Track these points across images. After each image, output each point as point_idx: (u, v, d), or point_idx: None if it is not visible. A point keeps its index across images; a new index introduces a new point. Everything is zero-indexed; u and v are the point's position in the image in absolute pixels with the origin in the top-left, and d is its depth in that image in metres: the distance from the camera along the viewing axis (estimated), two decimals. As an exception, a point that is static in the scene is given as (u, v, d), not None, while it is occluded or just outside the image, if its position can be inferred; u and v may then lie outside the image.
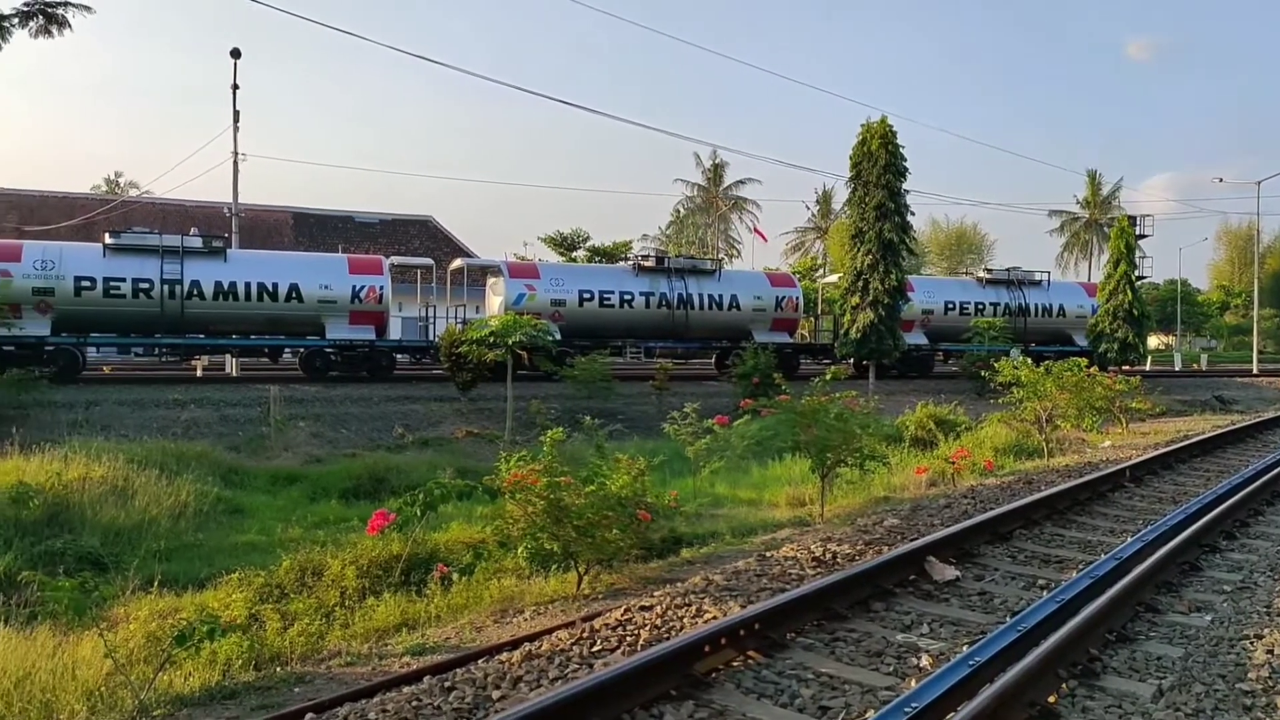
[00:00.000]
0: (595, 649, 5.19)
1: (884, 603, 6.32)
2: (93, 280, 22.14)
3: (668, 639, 5.26)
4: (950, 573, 7.00)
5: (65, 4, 10.94)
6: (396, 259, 28.72)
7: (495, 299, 27.81)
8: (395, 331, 27.33)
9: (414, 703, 4.27)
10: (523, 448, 11.00)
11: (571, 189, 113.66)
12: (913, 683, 4.71)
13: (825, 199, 64.94)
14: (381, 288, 24.98)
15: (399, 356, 26.84)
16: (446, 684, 4.54)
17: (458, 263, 30.16)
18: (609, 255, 48.28)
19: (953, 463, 13.47)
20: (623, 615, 5.80)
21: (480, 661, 5.01)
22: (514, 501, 8.02)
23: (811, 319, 35.97)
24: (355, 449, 18.25)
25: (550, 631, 5.65)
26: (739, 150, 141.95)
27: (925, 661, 5.20)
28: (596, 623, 5.62)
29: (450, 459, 16.24)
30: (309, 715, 4.35)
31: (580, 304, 27.43)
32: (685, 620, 5.75)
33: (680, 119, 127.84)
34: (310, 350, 25.11)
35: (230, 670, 6.42)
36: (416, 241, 44.50)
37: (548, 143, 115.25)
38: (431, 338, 27.28)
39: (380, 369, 25.27)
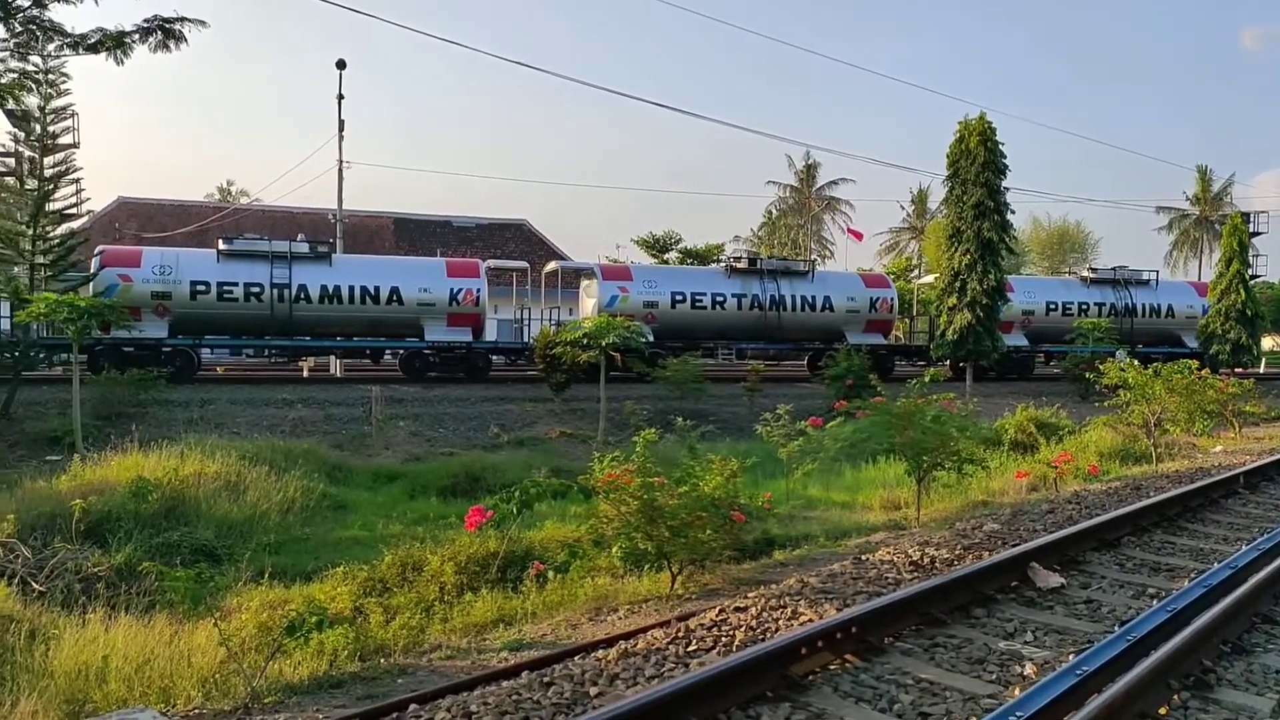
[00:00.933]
0: (691, 648, 5.21)
1: (985, 609, 6.17)
2: (207, 284, 23.22)
3: (763, 640, 5.24)
4: (1055, 580, 6.78)
5: (181, 19, 11.49)
6: (493, 262, 29.30)
7: (589, 301, 28.09)
8: (491, 333, 27.86)
9: (514, 697, 4.35)
10: (615, 448, 11.08)
11: (664, 191, 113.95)
12: (1017, 691, 4.58)
13: (921, 198, 63.53)
14: (478, 290, 25.50)
15: (495, 358, 27.34)
16: (545, 679, 4.62)
17: (552, 265, 30.58)
18: (701, 257, 48.23)
19: (1055, 467, 13.06)
20: (717, 616, 5.80)
21: (577, 658, 5.09)
22: (608, 501, 8.10)
23: (906, 320, 35.26)
24: (452, 448, 18.66)
25: (645, 630, 5.69)
26: (832, 149, 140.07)
27: (1030, 670, 5.05)
28: (691, 622, 5.63)
29: (544, 458, 16.48)
30: (412, 706, 4.48)
31: (673, 306, 27.49)
32: (781, 622, 5.72)
33: (772, 120, 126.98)
34: (410, 351, 25.80)
35: (336, 661, 6.64)
36: (511, 245, 45.30)
37: (641, 145, 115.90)
38: (526, 339, 27.71)
39: (477, 370, 25.78)
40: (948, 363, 28.51)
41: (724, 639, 5.38)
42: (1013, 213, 26.68)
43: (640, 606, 7.29)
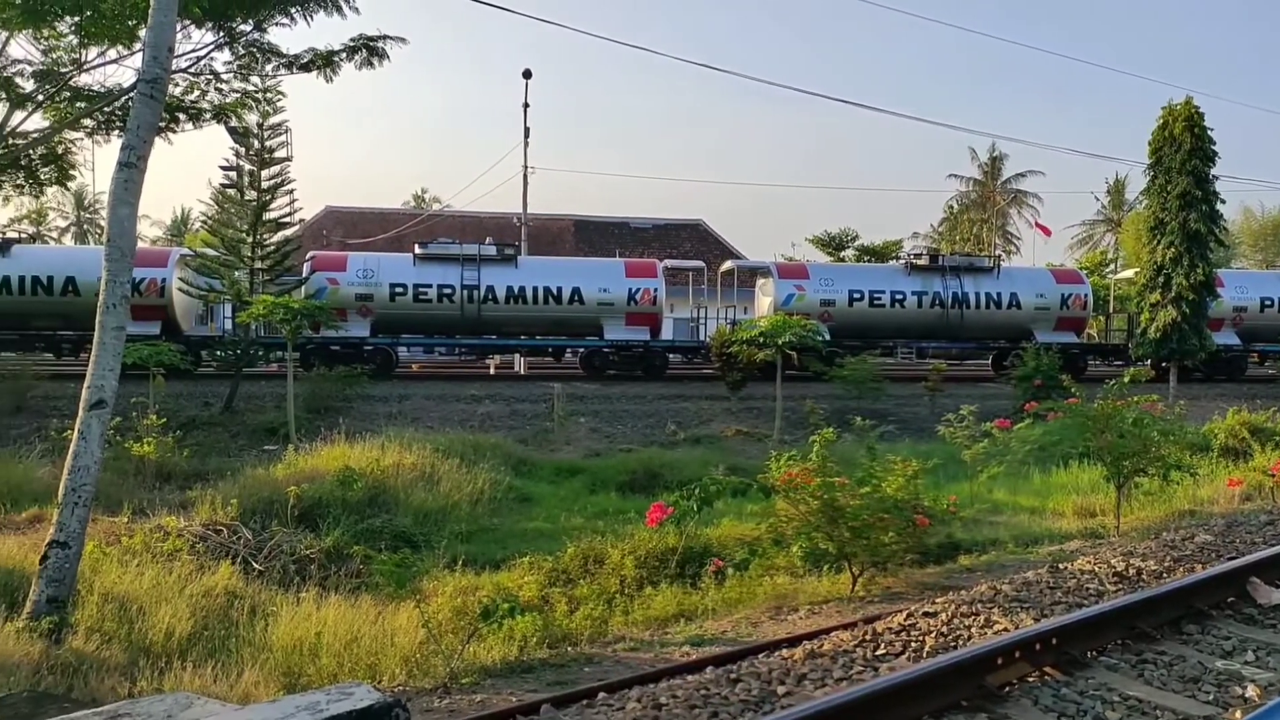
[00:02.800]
0: (879, 652, 5.09)
1: (1198, 625, 5.71)
2: (405, 286, 24.67)
3: (955, 648, 5.06)
4: (1277, 596, 6.19)
5: (384, 37, 12.24)
6: (670, 262, 29.59)
7: (764, 300, 27.90)
8: (668, 332, 28.15)
9: (702, 692, 4.39)
10: (791, 447, 10.97)
11: (839, 188, 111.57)
12: (1238, 715, 4.22)
13: (1118, 188, 59.21)
14: (656, 290, 25.83)
15: (671, 356, 27.60)
16: (732, 676, 4.64)
17: (728, 265, 30.58)
18: (878, 254, 46.90)
19: (1273, 475, 11.92)
20: (905, 620, 5.65)
21: (761, 656, 5.08)
22: (787, 500, 8.03)
23: (1101, 317, 32.98)
24: (630, 444, 18.97)
25: (828, 632, 5.62)
26: (1019, 139, 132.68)
27: (1251, 692, 4.63)
28: (879, 626, 5.51)
29: (721, 456, 16.50)
30: (601, 695, 4.60)
31: (850, 304, 26.90)
32: (973, 630, 5.50)
33: (953, 110, 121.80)
34: (590, 350, 26.44)
35: (526, 647, 6.91)
36: (687, 245, 45.61)
37: (816, 142, 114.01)
38: (702, 338, 27.84)
39: (654, 368, 26.12)
40: (1149, 363, 26.47)
41: (913, 644, 5.23)
42: (1223, 202, 24.48)
43: (821, 607, 7.19)
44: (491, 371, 29.04)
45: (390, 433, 15.91)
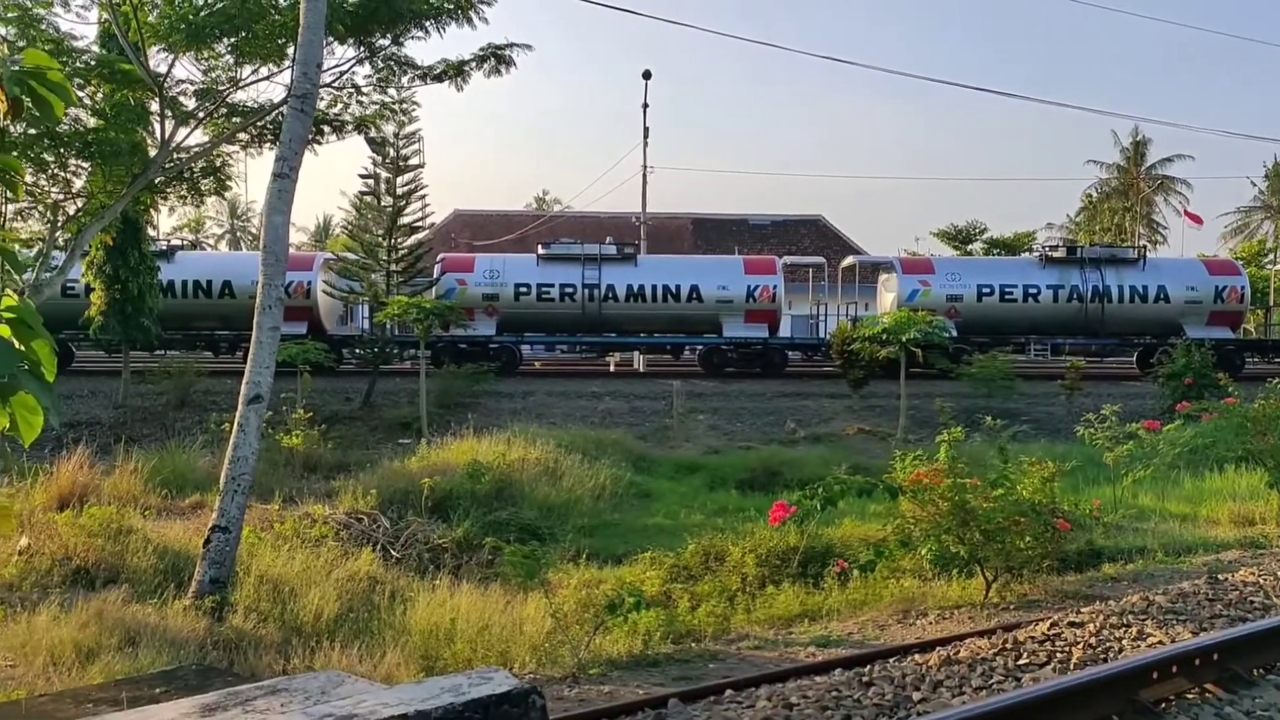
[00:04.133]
0: (1021, 661, 4.96)
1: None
2: (529, 286, 25.29)
3: (1105, 660, 4.88)
4: None
5: (511, 45, 12.58)
6: (789, 259, 29.34)
7: (887, 296, 27.34)
8: (786, 329, 27.93)
9: (833, 693, 4.39)
10: (916, 446, 10.76)
11: (966, 179, 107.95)
12: None
13: (1278, 173, 55.19)
14: (775, 287, 25.67)
15: (790, 354, 27.38)
16: (864, 679, 4.62)
17: (849, 260, 30.10)
18: (1009, 247, 45.20)
19: None
20: (1049, 629, 5.47)
21: (893, 660, 5.03)
22: (915, 501, 7.90)
23: (1260, 311, 30.86)
24: (750, 442, 18.92)
25: (962, 638, 5.50)
26: (1165, 122, 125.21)
27: None
28: (1020, 634, 5.36)
29: (842, 455, 16.27)
30: (729, 691, 4.66)
31: (979, 299, 26.04)
32: (1124, 642, 5.29)
33: (1092, 93, 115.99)
34: (708, 347, 26.49)
35: (651, 641, 7.03)
36: (806, 241, 45.07)
37: (942, 133, 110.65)
38: (822, 335, 27.50)
39: (773, 366, 25.97)
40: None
41: (1058, 655, 5.07)
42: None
43: (952, 613, 7.05)
44: (611, 369, 29.43)
45: (515, 428, 16.34)
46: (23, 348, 7.21)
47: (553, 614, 7.03)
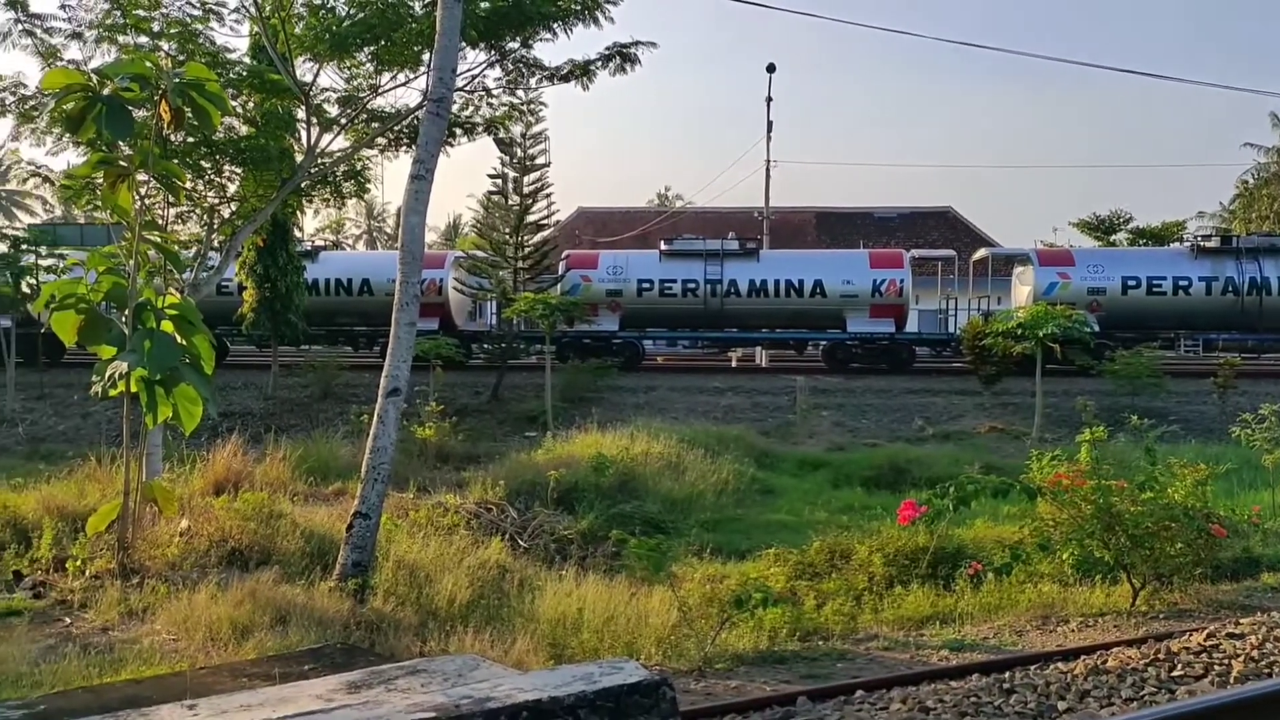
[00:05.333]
0: (1175, 673, 4.71)
1: None
2: (651, 282, 25.48)
3: (1269, 675, 4.57)
4: None
5: (635, 44, 12.68)
6: (917, 252, 28.60)
7: (1023, 289, 26.27)
8: (914, 324, 27.24)
9: (971, 699, 4.28)
10: (1053, 446, 10.33)
11: (1108, 166, 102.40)
12: None
13: None
14: (902, 281, 25.07)
15: (918, 349, 26.71)
16: (1004, 685, 4.48)
17: (982, 253, 29.09)
18: (1156, 237, 42.65)
19: None
20: (1206, 640, 5.17)
21: (1034, 668, 4.85)
22: (1055, 503, 7.59)
23: None
24: (875, 439, 18.56)
25: (1108, 647, 5.26)
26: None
27: None
28: (1173, 645, 5.09)
29: (973, 454, 15.81)
30: (860, 692, 4.59)
31: (1123, 292, 24.72)
32: (1292, 656, 4.95)
33: (1246, 71, 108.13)
34: (832, 343, 26.11)
35: (777, 638, 7.00)
36: (935, 233, 43.76)
37: (1083, 120, 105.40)
38: (951, 330, 26.70)
39: (900, 361, 25.39)
40: None
41: (1216, 667, 4.79)
42: None
43: (1095, 620, 6.75)
44: (733, 364, 29.34)
45: (638, 422, 16.50)
46: (184, 342, 7.72)
47: (678, 607, 7.07)
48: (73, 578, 8.07)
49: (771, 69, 32.82)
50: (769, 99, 32.90)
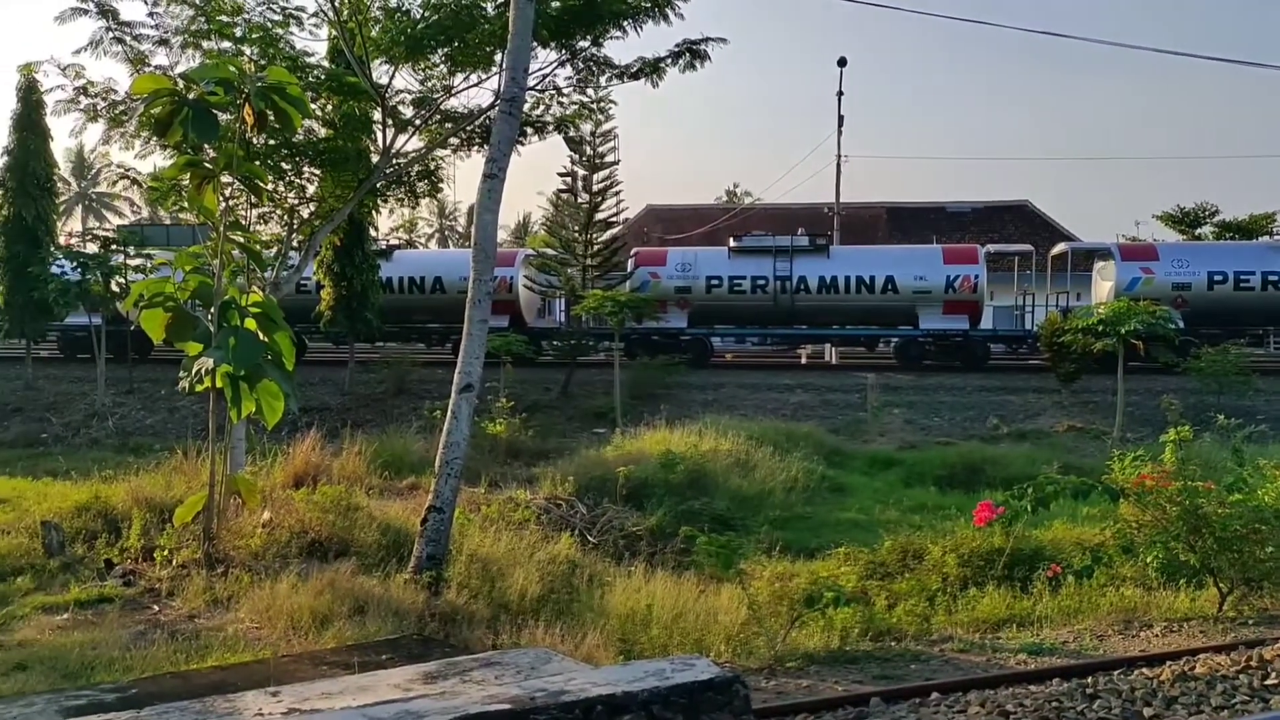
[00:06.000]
0: (1269, 681, 4.54)
1: None
2: (720, 279, 25.39)
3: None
4: None
5: (706, 40, 12.64)
6: (993, 247, 27.94)
7: (1104, 284, 25.50)
8: (988, 321, 26.66)
9: (1053, 704, 4.19)
10: (1136, 446, 10.01)
11: (1193, 158, 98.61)
12: None
13: None
14: (976, 277, 24.55)
15: (993, 346, 26.15)
16: (1087, 690, 4.37)
17: (1060, 247, 28.32)
18: (1245, 230, 40.99)
19: None
20: (1301, 648, 4.97)
21: (1117, 673, 4.71)
22: (1138, 505, 7.36)
23: None
24: (948, 437, 18.24)
25: (1195, 653, 5.09)
26: None
27: None
28: (1266, 652, 4.91)
29: (1051, 453, 15.43)
30: (935, 694, 4.52)
31: (1209, 287, 23.82)
32: (1393, 667, 4.73)
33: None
34: (904, 340, 25.71)
35: (849, 638, 6.92)
36: (1011, 228, 42.68)
37: (1167, 109, 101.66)
38: (1028, 327, 26.07)
39: (974, 358, 24.87)
40: None
41: (1314, 677, 4.60)
42: None
43: (1180, 625, 6.53)
44: (803, 361, 29.09)
45: (707, 419, 16.47)
46: (266, 340, 7.95)
47: (748, 605, 7.05)
48: (160, 567, 8.39)
49: (842, 63, 32.44)
50: (839, 93, 32.53)
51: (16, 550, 8.74)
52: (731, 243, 26.28)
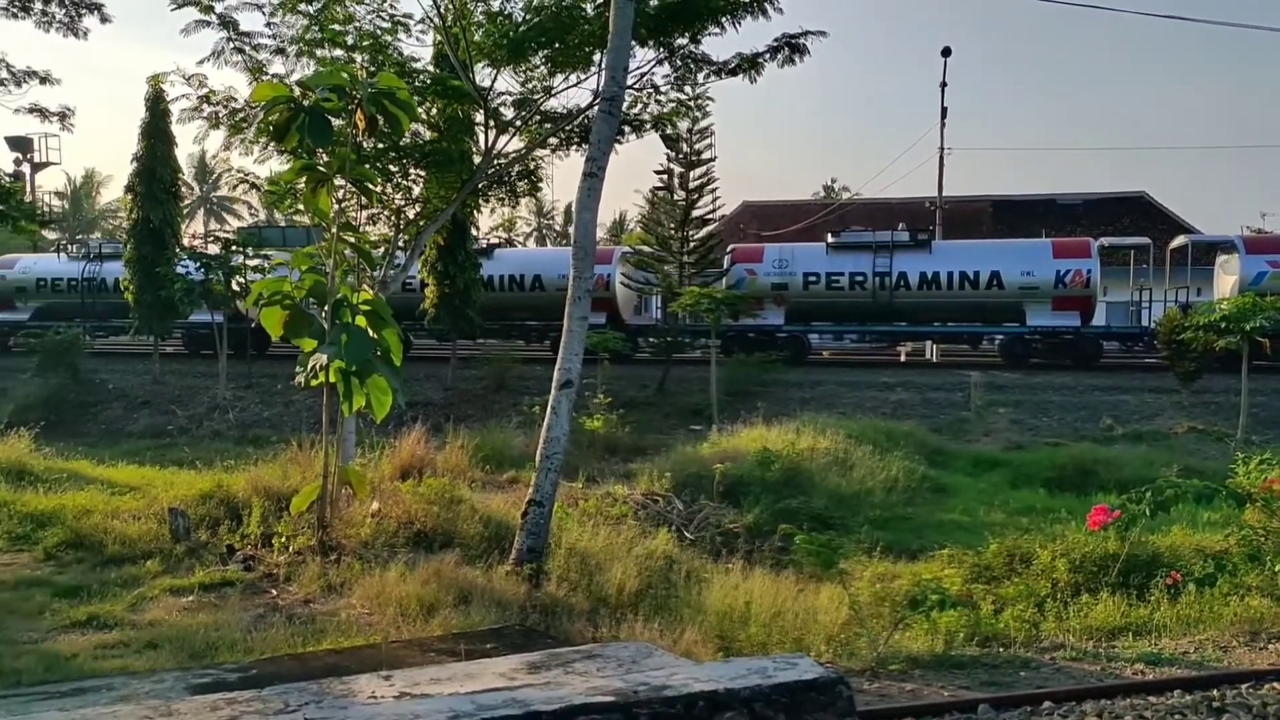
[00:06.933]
0: None
1: None
2: (817, 275, 25.09)
3: None
4: None
5: (805, 34, 12.47)
6: (1106, 240, 26.84)
7: (1226, 279, 24.22)
8: (1100, 317, 25.64)
9: (1176, 716, 4.01)
10: (1262, 448, 9.50)
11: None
12: None
13: None
14: (1088, 271, 23.62)
15: (1106, 344, 25.14)
16: (1214, 704, 4.17)
17: (1180, 240, 27.00)
18: (1387, 218, 38.28)
19: None
20: None
21: (1246, 687, 4.48)
22: (1265, 511, 6.98)
23: None
24: (1057, 438, 17.64)
25: (1330, 668, 4.80)
26: None
27: None
28: None
29: (1169, 456, 14.78)
30: (1047, 703, 4.38)
31: (1346, 280, 22.38)
32: None
33: None
34: (1010, 337, 24.95)
35: (954, 642, 6.76)
36: (1126, 220, 40.86)
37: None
38: (1144, 323, 24.96)
39: (1085, 356, 23.94)
40: None
41: None
42: None
43: (1314, 639, 6.17)
44: (902, 359, 28.53)
45: (804, 417, 16.34)
46: (376, 336, 8.23)
47: (852, 604, 6.97)
48: (278, 553, 8.78)
49: (947, 53, 31.67)
50: (943, 84, 31.80)
51: (146, 535, 9.26)
52: (829, 238, 25.96)
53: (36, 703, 5.16)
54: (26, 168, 38.93)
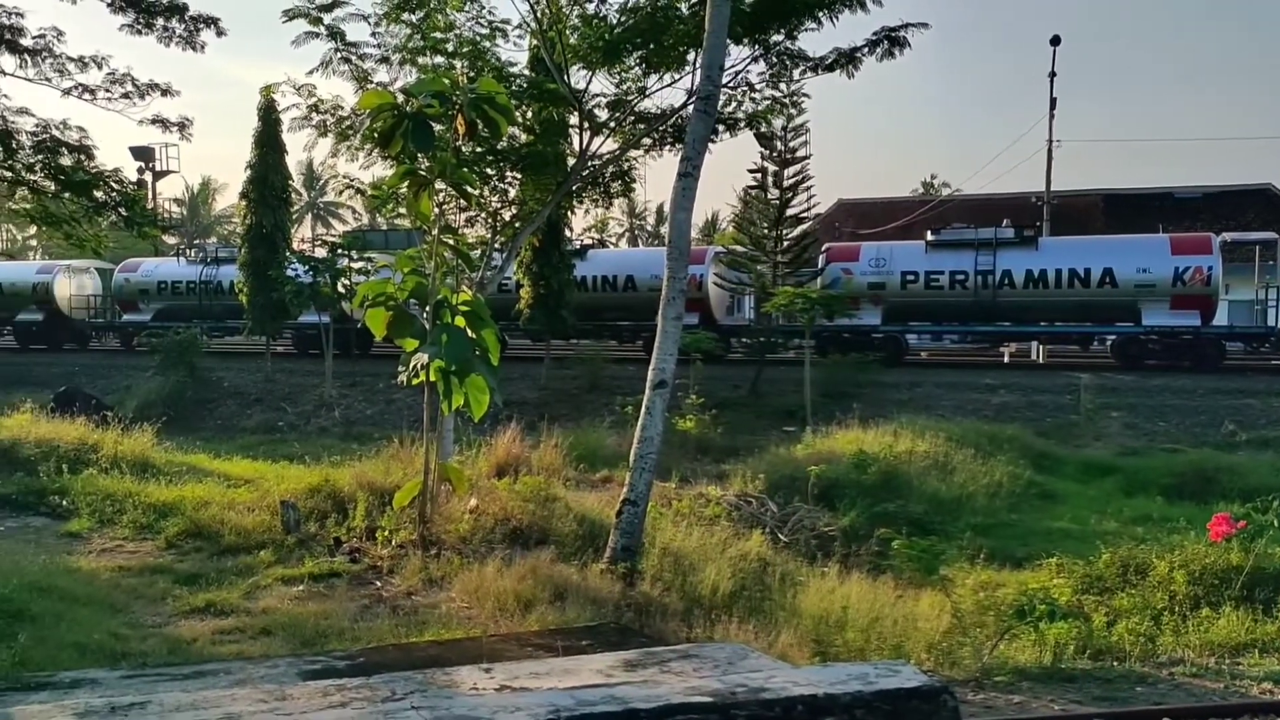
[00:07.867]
0: None
1: None
2: (916, 274, 24.51)
3: None
4: None
5: (905, 26, 12.20)
6: (1229, 235, 25.50)
7: (1364, 275, 22.76)
8: (1222, 317, 24.33)
9: (1308, 736, 3.78)
10: None
11: None
12: None
13: None
14: (1209, 268, 22.44)
15: (1229, 344, 23.86)
16: (1351, 726, 3.92)
17: (1309, 234, 25.49)
18: None
19: None
20: None
21: (1390, 709, 4.20)
22: None
23: None
24: (1175, 443, 16.86)
25: None
26: None
27: None
28: None
29: (1299, 462, 13.95)
30: (1165, 719, 4.18)
31: None
32: None
33: None
34: (1124, 337, 23.91)
35: (1063, 654, 6.51)
36: (1250, 214, 38.70)
37: None
38: (1271, 323, 23.59)
39: (1206, 358, 22.73)
40: None
41: None
42: None
43: None
44: (1005, 360, 27.66)
45: (901, 419, 16.03)
46: (475, 336, 8.39)
47: (955, 612, 6.78)
48: (381, 546, 9.04)
49: (1056, 41, 30.54)
50: (1052, 74, 30.64)
51: (260, 526, 9.65)
52: (929, 236, 25.35)
53: (162, 683, 5.43)
54: (149, 176, 41.15)
